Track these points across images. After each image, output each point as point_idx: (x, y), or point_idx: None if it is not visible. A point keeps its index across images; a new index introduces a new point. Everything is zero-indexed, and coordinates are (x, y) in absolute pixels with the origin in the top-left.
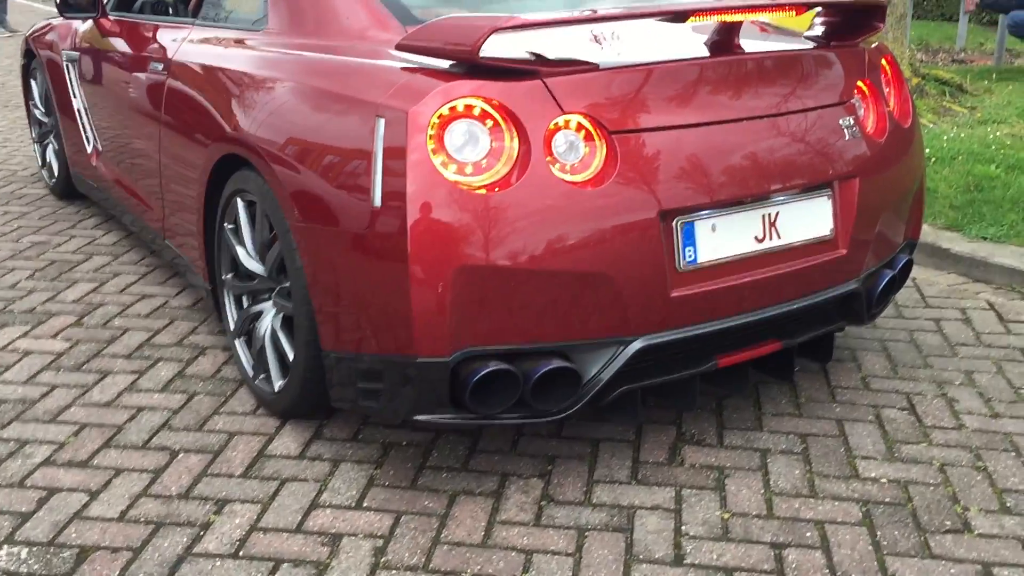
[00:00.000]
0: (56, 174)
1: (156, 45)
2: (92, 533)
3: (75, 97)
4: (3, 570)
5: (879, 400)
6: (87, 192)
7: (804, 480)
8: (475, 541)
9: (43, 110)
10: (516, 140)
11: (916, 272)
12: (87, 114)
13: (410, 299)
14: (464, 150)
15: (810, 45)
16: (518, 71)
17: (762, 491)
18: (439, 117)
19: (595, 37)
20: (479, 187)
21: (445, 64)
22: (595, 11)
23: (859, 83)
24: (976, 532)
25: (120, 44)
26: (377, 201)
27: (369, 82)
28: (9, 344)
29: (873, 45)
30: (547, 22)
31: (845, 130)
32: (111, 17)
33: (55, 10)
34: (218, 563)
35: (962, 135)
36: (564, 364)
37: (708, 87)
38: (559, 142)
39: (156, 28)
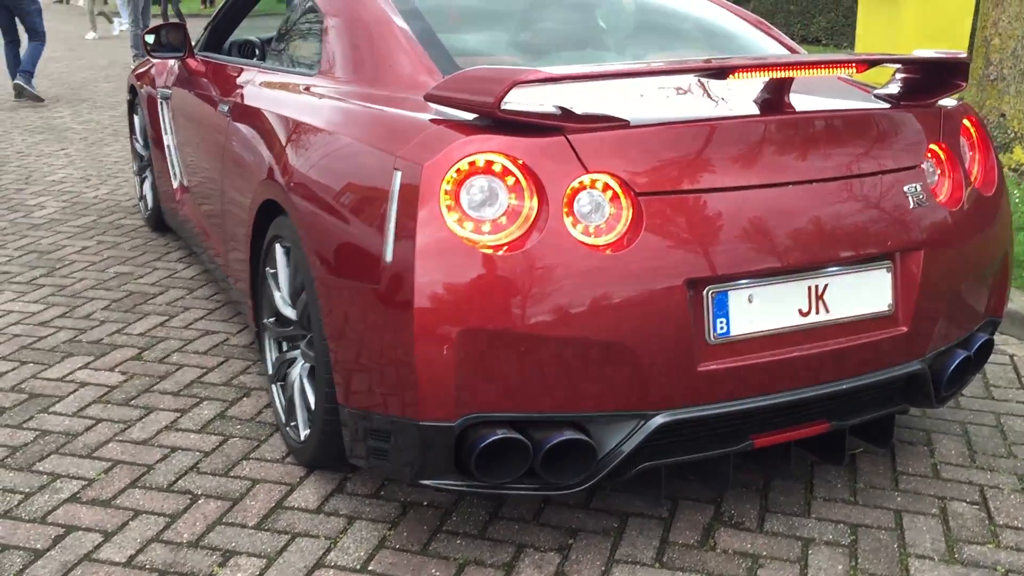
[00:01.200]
0: (150, 206)
1: (228, 86)
2: None
3: (166, 133)
4: None
5: (948, 491)
6: (174, 226)
7: None
8: None
9: (142, 144)
10: (535, 199)
11: (1014, 349)
12: (175, 150)
13: (414, 359)
14: (481, 208)
15: (877, 104)
16: (541, 126)
17: None
18: (456, 172)
19: (628, 92)
20: (493, 247)
21: (470, 117)
22: (626, 66)
23: (932, 146)
24: None
25: (203, 84)
26: (388, 257)
27: (393, 133)
28: (68, 375)
29: (953, 104)
30: (573, 76)
31: (910, 197)
32: (198, 57)
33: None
34: None
35: None
36: (578, 436)
37: (750, 148)
38: (583, 202)
39: (232, 69)
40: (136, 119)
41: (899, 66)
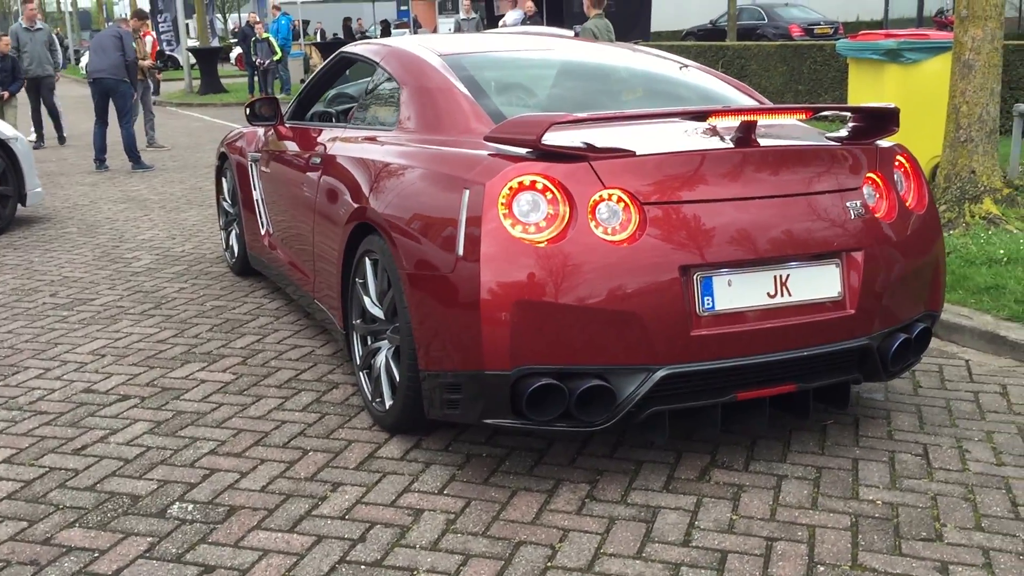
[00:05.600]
0: (236, 254)
1: (316, 144)
2: (240, 498)
3: (255, 189)
4: (174, 516)
5: (897, 447)
6: (260, 268)
7: (809, 498)
8: (526, 520)
9: (229, 202)
10: (567, 207)
11: (971, 356)
12: (263, 203)
13: (481, 325)
14: (528, 214)
15: (824, 142)
16: (571, 155)
17: (770, 502)
18: (510, 189)
19: (634, 131)
20: (537, 242)
21: (519, 150)
22: (632, 111)
23: (870, 174)
24: (946, 541)
25: (291, 145)
26: (460, 251)
27: (461, 164)
28: (190, 375)
29: (888, 145)
30: (593, 118)
31: (851, 211)
32: (287, 124)
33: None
34: (328, 522)
35: None
36: (601, 383)
37: (727, 171)
38: (602, 210)
39: (318, 131)
40: (224, 182)
41: (848, 114)
